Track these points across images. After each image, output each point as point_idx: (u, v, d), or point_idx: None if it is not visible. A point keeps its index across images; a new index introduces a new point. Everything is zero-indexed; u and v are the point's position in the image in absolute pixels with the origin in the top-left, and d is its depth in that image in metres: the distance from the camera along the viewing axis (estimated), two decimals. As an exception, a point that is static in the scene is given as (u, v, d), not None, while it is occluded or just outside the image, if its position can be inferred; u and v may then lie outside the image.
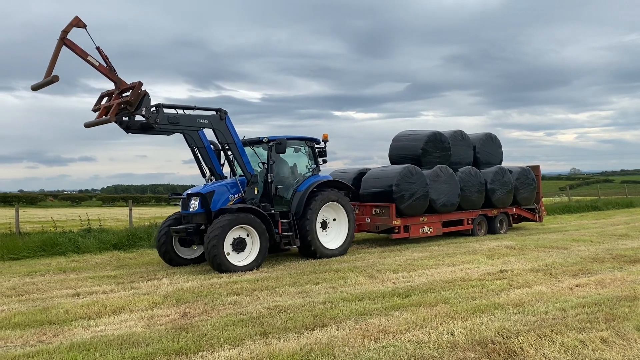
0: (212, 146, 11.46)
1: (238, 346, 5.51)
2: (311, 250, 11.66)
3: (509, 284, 8.40)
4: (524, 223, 18.75)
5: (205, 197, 10.73)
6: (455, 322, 6.15)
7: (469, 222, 15.75)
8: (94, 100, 10.28)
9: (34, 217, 29.17)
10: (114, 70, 9.75)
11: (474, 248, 12.85)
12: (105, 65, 9.63)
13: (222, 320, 6.58)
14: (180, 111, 10.50)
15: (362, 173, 15.41)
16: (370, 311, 6.82)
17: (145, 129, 10.17)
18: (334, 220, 12.42)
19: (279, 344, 5.52)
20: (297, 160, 12.67)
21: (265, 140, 11.60)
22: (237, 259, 10.33)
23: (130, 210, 17.41)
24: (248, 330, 6.07)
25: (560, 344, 5.28)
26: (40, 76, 9.29)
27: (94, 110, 9.98)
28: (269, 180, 11.39)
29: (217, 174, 11.51)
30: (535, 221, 18.25)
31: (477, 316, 6.43)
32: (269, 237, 10.73)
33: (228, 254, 10.14)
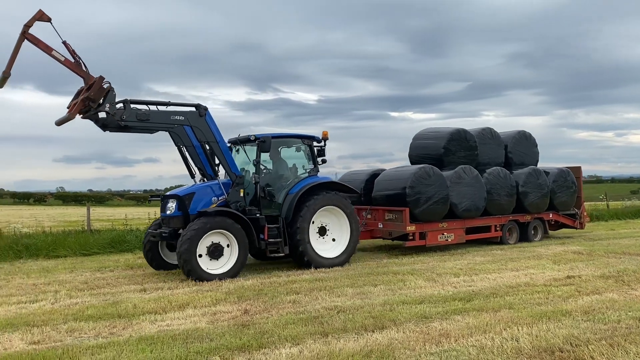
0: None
1: (298, 344, 5.57)
2: (304, 260, 10.55)
3: (576, 290, 8.05)
4: (593, 229, 17.91)
5: (182, 200, 9.98)
6: (520, 328, 5.96)
7: (498, 228, 14.24)
8: None
9: (102, 216, 30.61)
10: (81, 64, 9.30)
11: (538, 253, 12.40)
12: (72, 59, 9.19)
13: (282, 318, 6.67)
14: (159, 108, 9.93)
15: (375, 174, 14.21)
16: (431, 314, 6.72)
17: (123, 127, 9.61)
18: (334, 226, 11.23)
19: (338, 344, 5.53)
20: (293, 160, 11.61)
21: (252, 138, 10.74)
22: (213, 267, 9.55)
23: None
24: (308, 329, 6.12)
25: (634, 354, 5.01)
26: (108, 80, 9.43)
27: (68, 108, 9.57)
28: (254, 182, 10.57)
29: (208, 175, 10.57)
30: (576, 228, 16.45)
31: (543, 322, 6.20)
32: (250, 243, 9.92)
33: (200, 256, 9.39)
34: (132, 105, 9.64)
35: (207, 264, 9.50)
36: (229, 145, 11.25)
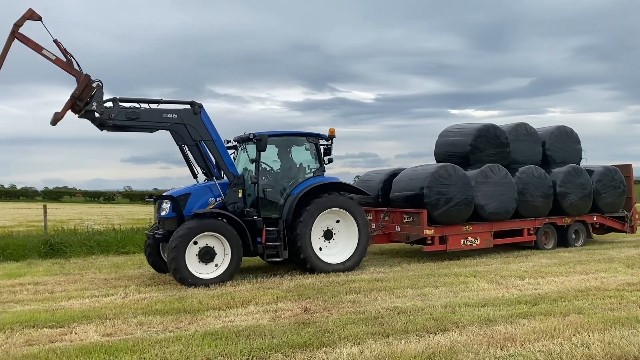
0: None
1: (359, 344, 5.57)
2: (306, 266, 10.05)
3: (653, 296, 7.61)
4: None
5: (176, 201, 9.64)
6: (590, 334, 5.71)
7: (531, 232, 13.03)
8: (219, 105, 10.67)
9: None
10: (73, 63, 9.14)
11: (610, 256, 11.81)
12: (63, 58, 9.05)
13: (342, 317, 6.69)
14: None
15: (394, 174, 13.34)
16: (495, 318, 6.54)
17: (119, 126, 9.46)
18: (341, 229, 10.57)
19: (400, 345, 5.49)
20: (297, 159, 10.98)
21: (251, 136, 10.25)
22: (204, 271, 9.18)
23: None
24: (368, 330, 6.11)
25: None
26: (171, 84, 9.61)
27: (75, 96, 9.29)
28: (250, 182, 10.17)
29: (211, 175, 10.18)
30: (626, 232, 14.75)
31: (617, 329, 5.91)
32: (245, 247, 9.54)
33: (190, 259, 9.03)
34: (121, 104, 9.33)
35: (197, 268, 9.11)
36: (234, 144, 11.12)
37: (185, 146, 9.97)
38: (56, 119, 9.09)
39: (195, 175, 10.34)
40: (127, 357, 5.29)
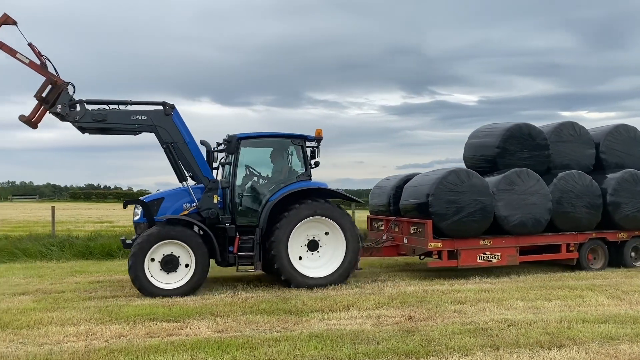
0: (203, 146, 9.85)
1: (467, 356, 5.40)
2: (282, 279, 9.29)
3: None
4: None
5: (147, 206, 9.19)
6: None
7: (572, 248, 11.12)
8: (318, 111, 10.46)
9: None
10: (47, 66, 8.95)
11: None
12: (37, 61, 8.89)
13: (447, 327, 6.51)
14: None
15: (407, 180, 11.90)
16: (618, 336, 6.04)
17: (101, 129, 9.18)
18: (328, 240, 9.62)
19: (511, 359, 5.24)
20: (282, 163, 10.10)
21: (226, 137, 9.66)
22: (167, 280, 8.68)
23: (353, 213, 18.37)
24: (477, 341, 5.89)
25: None
26: (271, 91, 9.56)
27: (36, 97, 9.05)
28: (221, 187, 9.40)
29: (199, 179, 9.54)
30: None
31: None
32: (214, 256, 9.01)
33: (147, 266, 8.56)
34: (88, 106, 8.98)
35: (160, 277, 8.66)
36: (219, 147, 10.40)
37: (169, 145, 9.27)
38: (23, 121, 8.92)
39: (181, 179, 9.48)
40: (238, 354, 5.51)
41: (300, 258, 9.44)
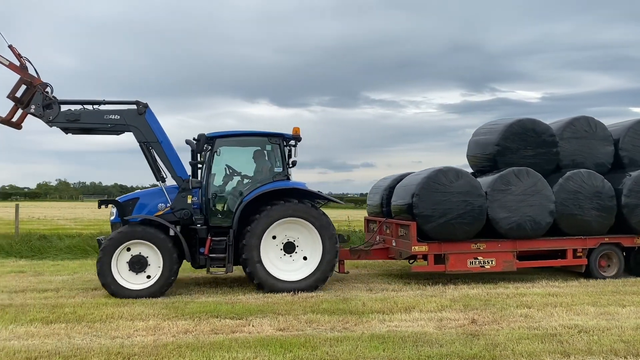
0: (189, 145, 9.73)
1: (536, 362, 5.20)
2: (255, 282, 9.02)
3: None
4: None
5: (121, 206, 9.21)
6: None
7: (579, 254, 10.17)
8: (374, 111, 10.24)
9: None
10: (27, 68, 8.96)
11: None
12: (17, 63, 8.90)
13: (514, 332, 6.30)
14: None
15: (400, 179, 11.24)
16: (702, 346, 5.65)
17: (85, 129, 9.20)
18: (305, 242, 9.25)
19: (584, 367, 5.01)
20: (258, 163, 9.81)
21: (196, 137, 9.41)
22: (135, 281, 8.61)
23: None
24: (545, 347, 5.68)
25: None
26: (329, 92, 9.42)
27: (9, 98, 9.08)
28: (190, 187, 9.15)
29: (160, 178, 9.43)
30: None
31: None
32: (178, 257, 8.74)
33: (115, 265, 8.52)
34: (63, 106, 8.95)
35: (128, 277, 8.60)
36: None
37: (146, 144, 9.24)
38: (3, 122, 9.00)
39: (158, 178, 9.39)
40: (300, 352, 5.55)
41: (275, 263, 9.15)
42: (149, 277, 8.66)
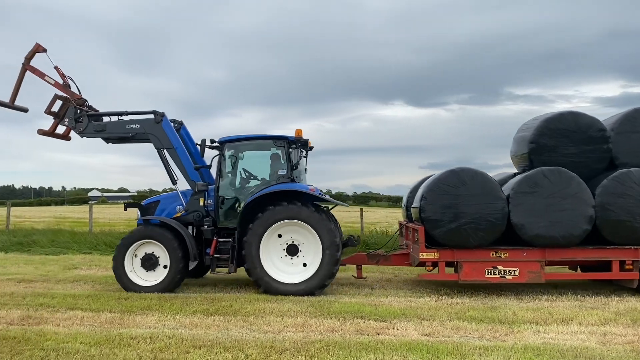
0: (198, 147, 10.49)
1: None
2: (256, 283, 9.07)
3: None
4: None
5: (144, 208, 9.91)
6: None
7: (628, 266, 8.67)
8: (517, 107, 10.10)
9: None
10: (70, 86, 9.92)
11: None
12: (61, 82, 9.84)
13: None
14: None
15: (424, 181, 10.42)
16: None
17: (123, 139, 9.95)
18: (308, 245, 9.13)
19: None
20: (264, 165, 9.93)
21: (200, 142, 10.33)
22: (148, 277, 9.22)
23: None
24: None
25: None
26: (467, 89, 9.41)
27: (46, 113, 9.93)
28: (196, 190, 9.60)
29: (191, 182, 9.86)
30: None
31: None
32: (183, 256, 9.09)
33: (129, 262, 9.21)
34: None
35: (141, 274, 9.25)
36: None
37: (164, 150, 9.89)
38: (41, 133, 9.92)
39: (174, 181, 10.00)
40: (447, 359, 5.41)
41: (276, 264, 9.18)
42: (157, 275, 9.25)
